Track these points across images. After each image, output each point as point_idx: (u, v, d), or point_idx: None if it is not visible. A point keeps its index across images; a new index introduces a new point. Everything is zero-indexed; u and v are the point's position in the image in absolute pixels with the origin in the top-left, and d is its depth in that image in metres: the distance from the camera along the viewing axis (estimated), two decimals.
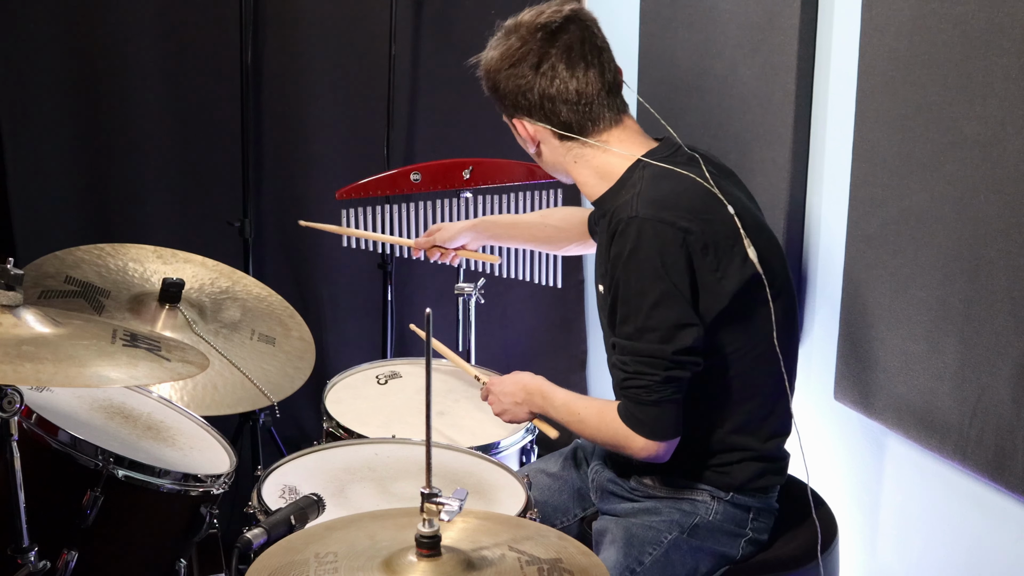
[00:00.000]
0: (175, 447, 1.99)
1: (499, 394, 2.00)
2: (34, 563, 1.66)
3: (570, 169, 1.90)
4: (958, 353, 1.92)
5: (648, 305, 1.70)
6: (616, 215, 1.75)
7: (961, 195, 1.89)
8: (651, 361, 1.71)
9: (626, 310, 1.73)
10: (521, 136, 1.91)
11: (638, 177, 1.80)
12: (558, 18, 1.80)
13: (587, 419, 1.85)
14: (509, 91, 1.84)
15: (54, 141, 2.86)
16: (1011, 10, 1.75)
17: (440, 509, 1.28)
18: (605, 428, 1.80)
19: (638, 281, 1.71)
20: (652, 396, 1.73)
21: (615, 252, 1.73)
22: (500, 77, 1.84)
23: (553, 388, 1.94)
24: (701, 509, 1.87)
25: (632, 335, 1.72)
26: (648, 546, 1.84)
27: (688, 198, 1.76)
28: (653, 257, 1.69)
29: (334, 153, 3.13)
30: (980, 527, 1.99)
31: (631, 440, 1.77)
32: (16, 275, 1.61)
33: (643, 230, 1.70)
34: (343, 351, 3.22)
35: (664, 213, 1.71)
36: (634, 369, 1.73)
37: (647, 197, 1.74)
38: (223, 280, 2.40)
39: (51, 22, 2.79)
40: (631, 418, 1.76)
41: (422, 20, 3.14)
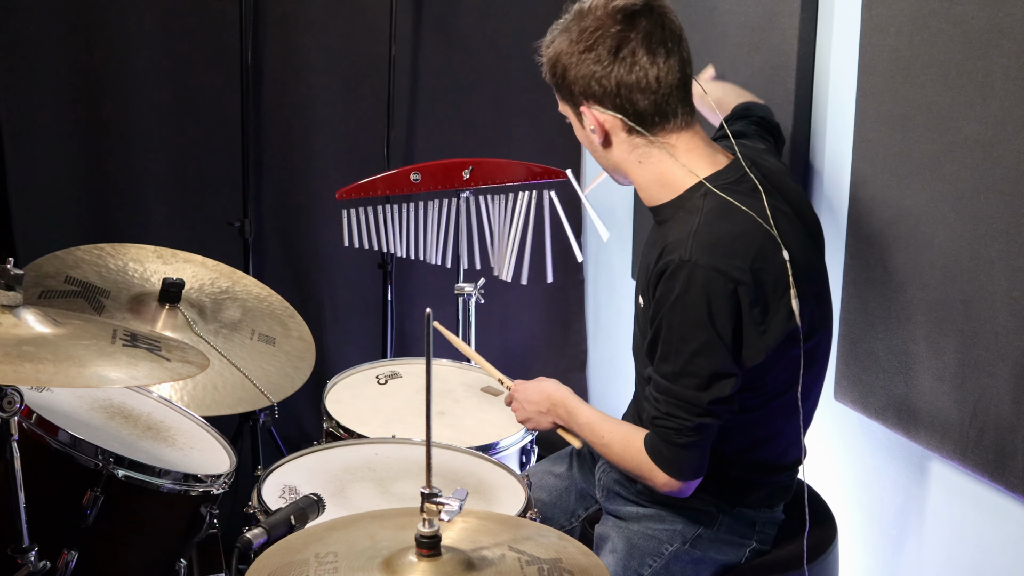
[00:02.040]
0: (175, 447, 1.99)
1: (523, 401, 1.98)
2: (34, 563, 1.66)
3: (631, 169, 1.80)
4: (958, 353, 1.92)
5: (690, 352, 1.66)
6: (669, 252, 1.68)
7: (961, 195, 1.89)
8: (685, 406, 1.68)
9: (666, 350, 1.69)
10: (587, 126, 1.78)
11: (698, 205, 1.71)
12: (637, 1, 1.69)
13: (611, 444, 1.82)
14: (581, 76, 1.72)
15: (54, 141, 2.86)
16: (1011, 10, 1.75)
17: (440, 509, 1.28)
18: (629, 457, 1.78)
19: (682, 326, 1.65)
20: (681, 439, 1.70)
21: (662, 292, 1.67)
22: (571, 62, 1.72)
23: (578, 404, 1.91)
24: (706, 520, 1.85)
25: (669, 376, 1.69)
26: (648, 557, 1.83)
27: (745, 243, 1.66)
28: (700, 305, 1.63)
29: (334, 153, 3.13)
30: (980, 527, 1.99)
31: (655, 474, 1.74)
32: (16, 275, 1.61)
33: (694, 277, 1.63)
34: (343, 351, 3.22)
35: (718, 261, 1.63)
36: (666, 410, 1.69)
37: (703, 240, 1.65)
38: (223, 280, 2.40)
39: (51, 22, 2.79)
40: (657, 454, 1.73)
41: (422, 20, 3.14)
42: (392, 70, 3.03)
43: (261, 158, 3.07)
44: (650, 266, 1.75)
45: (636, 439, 1.77)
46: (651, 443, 1.74)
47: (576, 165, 3.34)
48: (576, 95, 1.75)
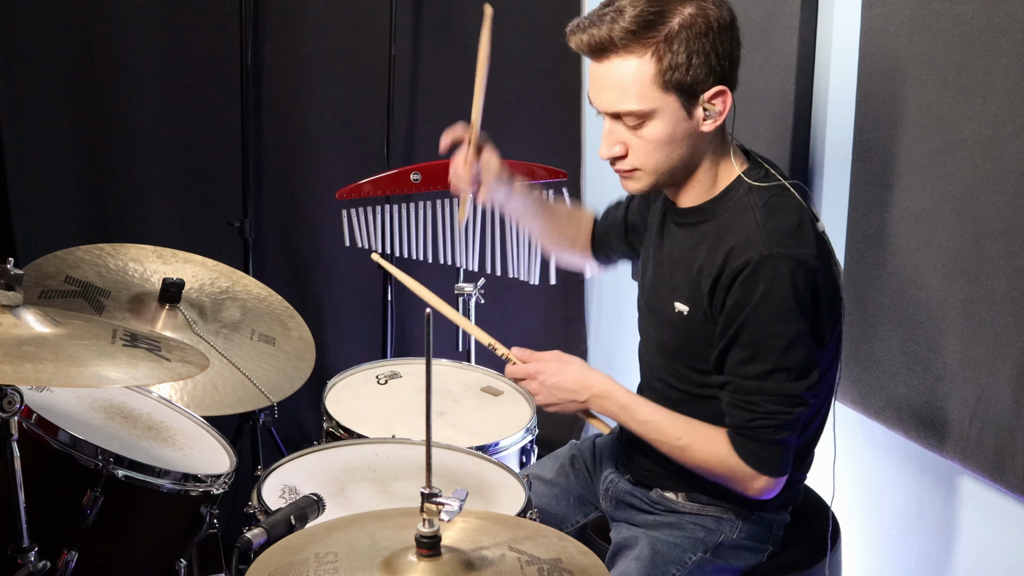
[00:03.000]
0: (175, 447, 1.99)
1: (552, 387, 1.84)
2: (34, 563, 1.66)
3: (700, 161, 1.72)
4: (958, 353, 1.92)
5: (782, 347, 1.64)
6: (739, 252, 1.64)
7: (961, 195, 1.89)
8: (786, 400, 1.66)
9: (753, 351, 1.66)
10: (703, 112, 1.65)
11: (748, 203, 1.69)
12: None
13: (692, 447, 1.74)
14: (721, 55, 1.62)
15: (54, 141, 2.86)
16: (1011, 10, 1.75)
17: (440, 509, 1.28)
18: (718, 463, 1.72)
19: (771, 322, 1.63)
20: (780, 435, 1.68)
21: (741, 293, 1.63)
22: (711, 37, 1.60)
23: (634, 399, 1.82)
24: (725, 527, 1.84)
25: (760, 375, 1.66)
26: (672, 566, 1.80)
27: (807, 234, 1.66)
28: (788, 298, 1.61)
29: (334, 153, 3.13)
30: (980, 527, 1.99)
31: (751, 480, 1.71)
32: (16, 275, 1.61)
33: (778, 269, 1.61)
34: (343, 351, 3.22)
35: (795, 250, 1.63)
36: (766, 409, 1.67)
37: (776, 233, 1.64)
38: (223, 280, 2.40)
39: (51, 22, 2.79)
40: (755, 457, 1.69)
41: (422, 20, 3.14)
42: (392, 70, 3.03)
43: (261, 158, 3.07)
44: (706, 271, 1.70)
45: (721, 443, 1.71)
46: (745, 448, 1.70)
47: (576, 165, 3.34)
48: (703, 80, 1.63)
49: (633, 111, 1.65)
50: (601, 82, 1.67)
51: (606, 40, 1.61)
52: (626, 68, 1.62)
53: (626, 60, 1.62)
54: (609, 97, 1.66)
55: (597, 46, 1.63)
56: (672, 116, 1.65)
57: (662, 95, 1.63)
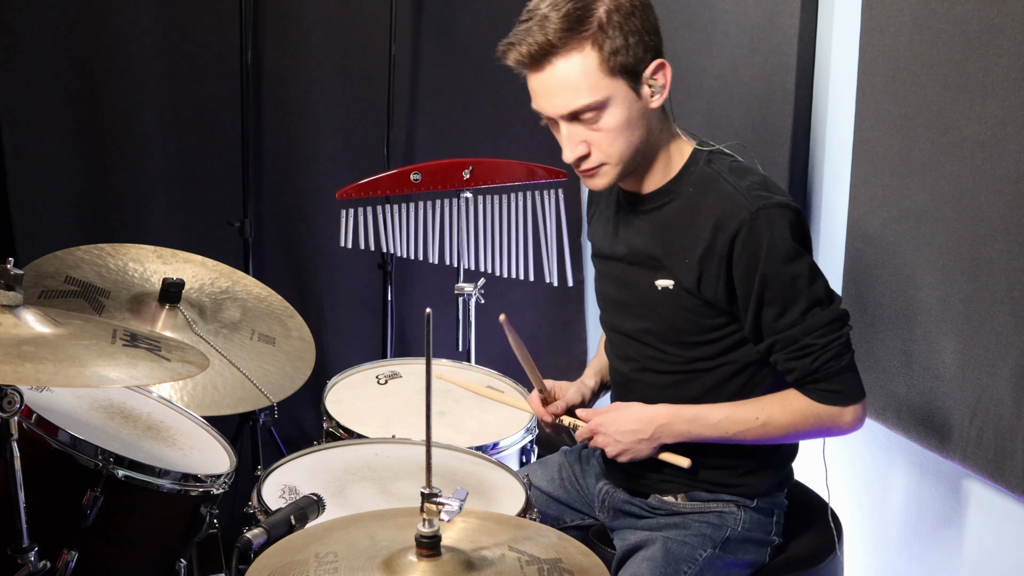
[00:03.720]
0: (175, 447, 1.99)
1: (615, 434, 1.81)
2: (34, 563, 1.66)
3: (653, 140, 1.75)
4: (958, 353, 1.92)
5: (805, 284, 1.70)
6: (729, 218, 1.68)
7: (961, 195, 1.89)
8: (832, 326, 1.71)
9: (784, 301, 1.70)
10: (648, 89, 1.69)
11: (710, 172, 1.74)
12: None
13: (773, 419, 1.76)
14: (649, 27, 1.67)
15: (54, 141, 2.86)
16: (1011, 10, 1.75)
17: (440, 509, 1.28)
18: (803, 419, 1.75)
19: (787, 268, 1.69)
20: (843, 361, 1.72)
21: (749, 254, 1.68)
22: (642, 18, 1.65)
23: (697, 409, 1.79)
24: (729, 520, 1.84)
25: (798, 319, 1.70)
26: (684, 564, 1.79)
27: (773, 183, 1.76)
28: (789, 240, 1.68)
29: (334, 153, 3.13)
30: (980, 527, 1.99)
31: (839, 417, 1.74)
32: (16, 275, 1.61)
33: (771, 218, 1.68)
34: (343, 351, 3.22)
35: (777, 198, 1.70)
36: (821, 344, 1.70)
37: (750, 188, 1.70)
38: (223, 280, 2.40)
39: (51, 22, 2.79)
40: (831, 395, 1.73)
41: (422, 20, 3.14)
42: (392, 70, 3.03)
43: (261, 158, 3.07)
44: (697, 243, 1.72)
45: (796, 399, 1.75)
46: (820, 392, 1.74)
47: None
48: (641, 55, 1.66)
49: (589, 104, 1.66)
50: (549, 88, 1.69)
51: (545, 45, 1.64)
52: (571, 66, 1.65)
53: (568, 59, 1.65)
54: (562, 99, 1.68)
55: (537, 54, 1.66)
56: (624, 99, 1.68)
57: (611, 81, 1.65)
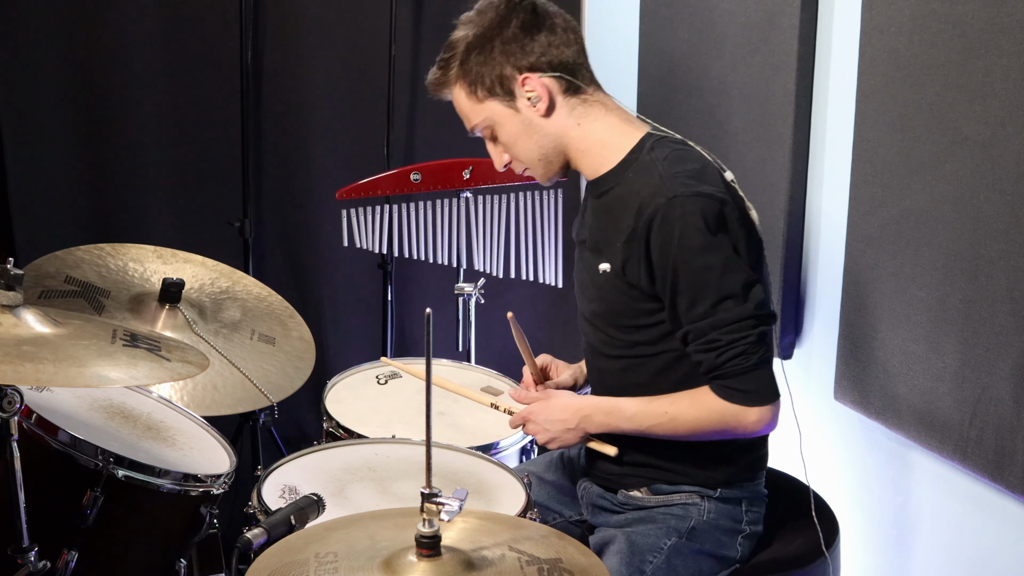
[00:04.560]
0: (175, 447, 1.99)
1: (544, 422, 1.88)
2: (34, 563, 1.66)
3: (572, 137, 1.82)
4: (958, 353, 1.92)
5: (716, 276, 1.69)
6: (648, 202, 1.71)
7: (961, 195, 1.89)
8: (739, 326, 1.70)
9: (694, 292, 1.70)
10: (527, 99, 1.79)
11: (649, 159, 1.77)
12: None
13: (681, 414, 1.78)
14: (512, 51, 1.78)
15: (54, 141, 2.86)
16: (1011, 10, 1.75)
17: (440, 509, 1.28)
18: (707, 415, 1.75)
19: (697, 258, 1.69)
20: (751, 360, 1.71)
21: (662, 240, 1.70)
22: (497, 40, 1.78)
23: (615, 400, 1.85)
24: (693, 512, 1.85)
25: (708, 312, 1.70)
26: (649, 553, 1.82)
27: (710, 174, 1.75)
28: (702, 230, 1.68)
29: (334, 153, 3.13)
30: (980, 527, 1.99)
31: (743, 416, 1.73)
32: (16, 275, 1.61)
33: (686, 206, 1.68)
34: (343, 351, 3.22)
35: (700, 187, 1.70)
36: (726, 340, 1.70)
37: (676, 177, 1.71)
38: (223, 280, 2.40)
39: (51, 23, 2.79)
40: (736, 393, 1.73)
41: (422, 20, 3.14)
42: (392, 70, 3.03)
43: (261, 158, 3.07)
44: (622, 228, 1.76)
45: (703, 396, 1.76)
46: (723, 388, 1.74)
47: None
48: (508, 76, 1.79)
49: (476, 125, 1.87)
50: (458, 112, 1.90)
51: (434, 84, 1.88)
52: (455, 98, 1.87)
53: (453, 93, 1.87)
54: (464, 122, 1.90)
55: (436, 92, 1.89)
56: (503, 116, 1.83)
57: (482, 105, 1.83)
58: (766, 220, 2.40)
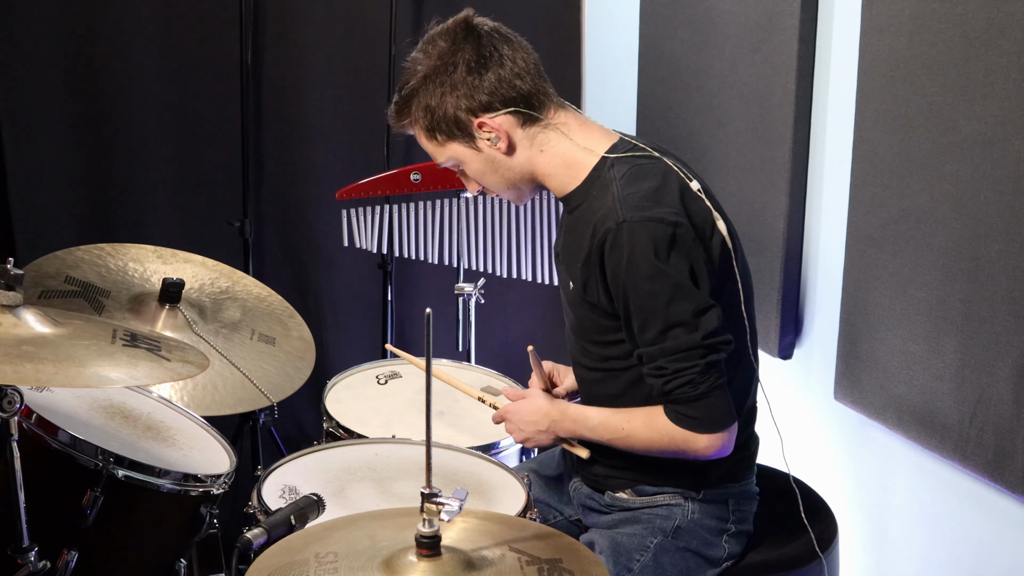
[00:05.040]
0: (175, 447, 1.99)
1: (518, 422, 1.92)
2: (34, 563, 1.66)
3: (537, 163, 1.81)
4: (958, 353, 1.92)
5: (663, 304, 1.68)
6: (600, 225, 1.71)
7: (961, 195, 1.89)
8: (686, 355, 1.69)
9: (643, 317, 1.69)
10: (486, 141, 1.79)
11: (609, 177, 1.75)
12: (462, 19, 1.79)
13: (635, 432, 1.78)
14: (461, 95, 1.76)
15: (54, 141, 2.86)
16: (1011, 10, 1.75)
17: (440, 509, 1.28)
18: (659, 437, 1.75)
19: (645, 284, 1.68)
20: (698, 389, 1.69)
21: (613, 264, 1.69)
22: (445, 91, 1.76)
23: (581, 409, 1.87)
24: (677, 512, 1.85)
25: (656, 339, 1.69)
26: (635, 552, 1.82)
27: (666, 193, 1.72)
28: (650, 255, 1.66)
29: (334, 153, 3.13)
30: (980, 527, 1.99)
31: (692, 442, 1.73)
32: (16, 275, 1.61)
33: (634, 232, 1.66)
34: (343, 351, 3.22)
35: (650, 212, 1.68)
36: (673, 368, 1.69)
37: (629, 200, 1.70)
38: (223, 280, 2.40)
39: (51, 22, 2.79)
40: (684, 419, 1.72)
41: (422, 20, 3.13)
42: (392, 70, 3.03)
43: (261, 158, 3.07)
44: (583, 248, 1.76)
45: (657, 416, 1.75)
46: (673, 412, 1.73)
47: None
48: (464, 120, 1.77)
49: (442, 163, 1.87)
50: None
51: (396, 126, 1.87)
52: (418, 138, 1.86)
53: (415, 133, 1.86)
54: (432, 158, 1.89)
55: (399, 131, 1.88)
56: (466, 155, 1.82)
57: (444, 147, 1.83)
58: (766, 220, 2.40)
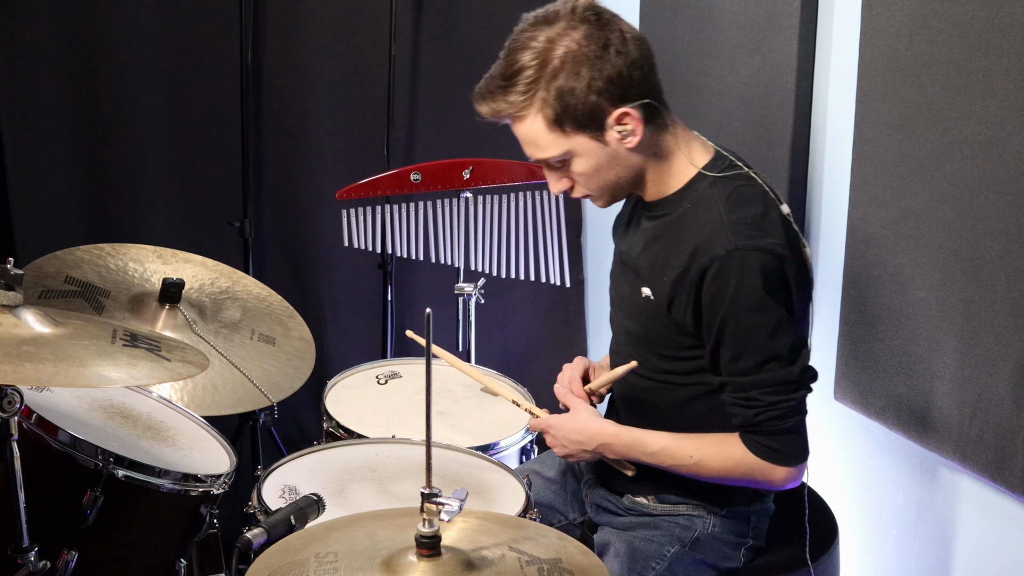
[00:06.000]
0: (175, 447, 1.99)
1: (562, 439, 1.85)
2: (34, 563, 1.66)
3: (648, 164, 1.72)
4: (958, 353, 1.92)
5: (766, 336, 1.65)
6: (706, 248, 1.65)
7: (961, 195, 1.89)
8: (783, 388, 1.67)
9: (739, 347, 1.67)
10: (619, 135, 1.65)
11: (711, 195, 1.70)
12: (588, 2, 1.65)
13: (705, 460, 1.75)
14: (608, 80, 1.61)
15: (54, 141, 2.86)
16: (1011, 10, 1.75)
17: (440, 509, 1.28)
18: (734, 467, 1.73)
19: (749, 316, 1.64)
20: (788, 423, 1.68)
21: (715, 291, 1.64)
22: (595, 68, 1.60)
23: (640, 434, 1.80)
24: (698, 524, 1.85)
25: (752, 369, 1.67)
26: (651, 560, 1.81)
27: (771, 223, 1.68)
28: (759, 290, 1.62)
29: (334, 153, 3.13)
30: (980, 527, 1.99)
31: (771, 473, 1.72)
32: (16, 275, 1.61)
33: (745, 263, 1.62)
34: (343, 351, 3.22)
35: (761, 242, 1.63)
36: (766, 401, 1.67)
37: (738, 226, 1.65)
38: (223, 280, 2.40)
39: (51, 22, 2.79)
40: (767, 451, 1.70)
41: (422, 20, 3.14)
42: (392, 70, 3.03)
43: (261, 158, 3.07)
44: (676, 264, 1.70)
45: (734, 446, 1.73)
46: (756, 443, 1.71)
47: None
48: (601, 110, 1.63)
49: (550, 158, 1.70)
50: (520, 139, 1.73)
51: (496, 113, 1.69)
52: (526, 127, 1.68)
53: (522, 121, 1.68)
54: (530, 151, 1.72)
55: (494, 119, 1.71)
56: (587, 150, 1.68)
57: (566, 138, 1.67)
58: None
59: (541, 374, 2.05)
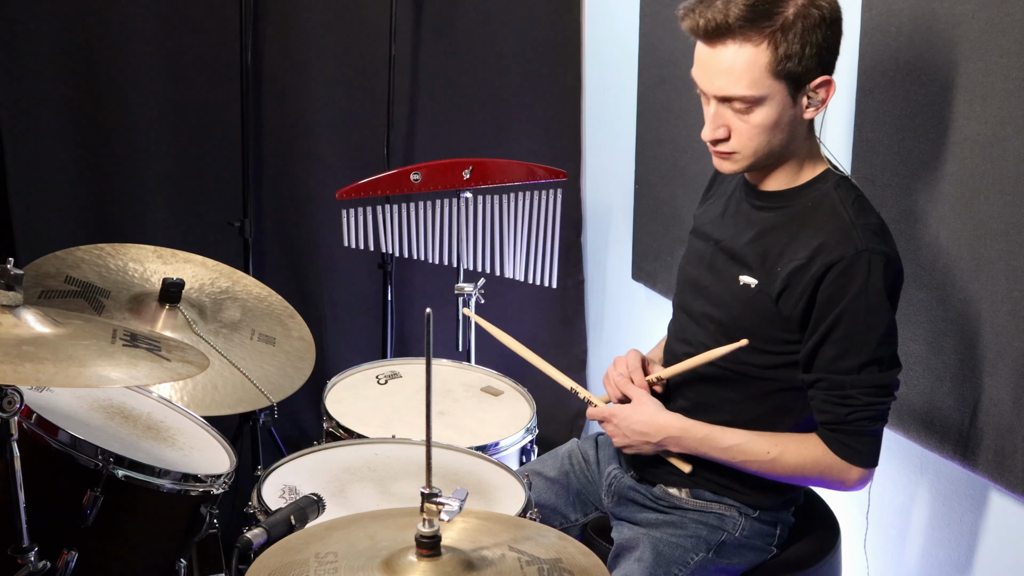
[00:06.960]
0: (175, 447, 1.99)
1: (625, 429, 1.85)
2: (34, 563, 1.66)
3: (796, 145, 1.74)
4: (958, 353, 1.92)
5: (877, 339, 1.68)
6: (833, 246, 1.67)
7: (961, 195, 1.89)
8: (879, 390, 1.69)
9: (848, 345, 1.68)
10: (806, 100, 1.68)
11: (836, 197, 1.72)
12: None
13: (783, 457, 1.75)
14: (832, 46, 1.66)
15: (54, 141, 2.86)
16: (1011, 10, 1.75)
17: (440, 509, 1.28)
18: (812, 465, 1.74)
19: (868, 314, 1.66)
20: (875, 425, 1.71)
21: (838, 287, 1.66)
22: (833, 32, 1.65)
23: (712, 429, 1.80)
24: (728, 524, 1.84)
25: (855, 369, 1.68)
26: (675, 566, 1.80)
27: (888, 231, 1.73)
28: (882, 292, 1.66)
29: (334, 153, 3.13)
30: (980, 527, 1.99)
31: (847, 472, 1.73)
32: (16, 275, 1.61)
33: (874, 264, 1.65)
34: (343, 351, 3.22)
35: (887, 248, 1.68)
36: (863, 401, 1.69)
37: (868, 229, 1.68)
38: (223, 280, 2.40)
39: (51, 22, 2.79)
40: (849, 450, 1.72)
41: (422, 20, 3.14)
42: (392, 70, 3.03)
43: (261, 158, 3.07)
44: (795, 257, 1.71)
45: (813, 445, 1.74)
46: (839, 443, 1.72)
47: (576, 165, 3.34)
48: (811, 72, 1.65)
49: (744, 96, 1.66)
50: (713, 66, 1.67)
51: (722, 25, 1.62)
52: (740, 55, 1.64)
53: (741, 47, 1.63)
54: (721, 82, 1.67)
55: (713, 31, 1.64)
56: (779, 103, 1.67)
57: (773, 83, 1.65)
58: None
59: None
